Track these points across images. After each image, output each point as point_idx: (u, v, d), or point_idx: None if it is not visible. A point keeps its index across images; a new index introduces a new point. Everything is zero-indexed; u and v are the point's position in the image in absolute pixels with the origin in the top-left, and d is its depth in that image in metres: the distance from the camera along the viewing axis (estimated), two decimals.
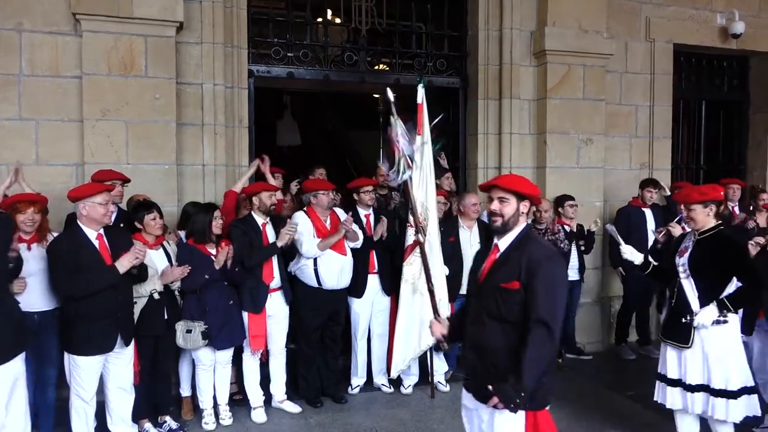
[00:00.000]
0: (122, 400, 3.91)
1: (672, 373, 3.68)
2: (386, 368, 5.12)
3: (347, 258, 4.79)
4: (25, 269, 3.71)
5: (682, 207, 4.19)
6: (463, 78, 6.46)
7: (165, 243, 4.29)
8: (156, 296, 4.07)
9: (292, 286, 4.77)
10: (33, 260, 3.79)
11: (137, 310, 4.01)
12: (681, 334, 3.62)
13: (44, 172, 4.82)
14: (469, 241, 5.23)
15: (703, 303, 3.53)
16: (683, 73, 7.25)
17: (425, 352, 4.88)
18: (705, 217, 3.59)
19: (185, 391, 4.63)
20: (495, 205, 2.58)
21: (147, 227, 4.11)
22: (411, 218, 4.75)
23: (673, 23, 6.86)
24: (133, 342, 3.91)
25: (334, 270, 4.71)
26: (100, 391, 3.87)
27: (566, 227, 5.72)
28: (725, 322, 3.50)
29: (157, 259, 4.16)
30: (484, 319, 2.56)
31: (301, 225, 4.66)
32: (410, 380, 5.14)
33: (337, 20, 6.37)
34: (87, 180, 4.52)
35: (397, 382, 5.14)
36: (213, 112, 5.29)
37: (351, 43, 6.28)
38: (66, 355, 3.67)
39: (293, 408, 4.70)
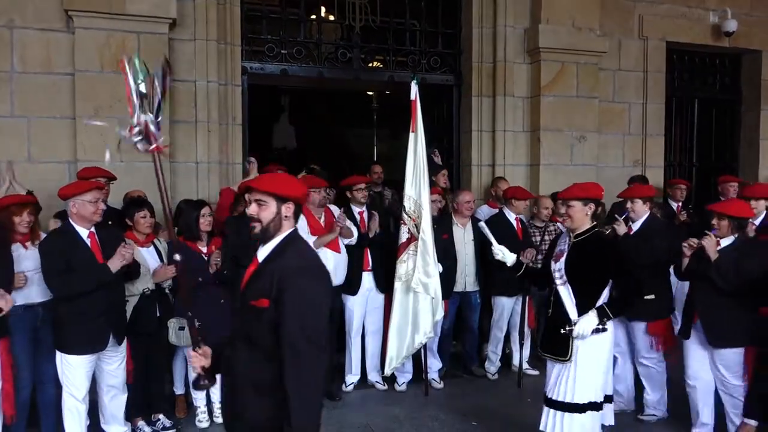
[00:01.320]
0: (115, 398, 3.90)
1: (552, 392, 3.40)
2: (380, 365, 5.13)
3: (342, 255, 4.80)
4: (24, 266, 3.74)
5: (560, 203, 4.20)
6: (457, 75, 6.47)
7: (156, 241, 4.28)
8: (147, 293, 4.07)
9: None
10: (32, 257, 3.78)
11: (129, 309, 4.00)
12: (559, 346, 3.32)
13: (37, 169, 4.80)
14: (463, 238, 5.24)
15: (581, 311, 3.26)
16: (676, 71, 7.28)
17: (419, 350, 4.89)
18: (583, 216, 3.33)
19: (179, 389, 4.63)
20: (252, 209, 2.30)
21: (137, 225, 4.11)
22: (404, 216, 4.76)
23: (666, 21, 6.88)
24: (125, 340, 3.90)
25: (328, 267, 4.69)
26: (94, 390, 3.86)
27: (561, 225, 5.72)
28: (604, 330, 3.26)
29: (148, 257, 4.15)
30: (236, 341, 2.23)
31: None
32: (404, 377, 5.15)
33: (331, 17, 6.36)
34: (76, 176, 4.51)
35: (391, 380, 5.14)
36: (206, 110, 5.28)
37: (345, 40, 6.27)
38: (58, 354, 3.66)
39: None
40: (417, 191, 4.78)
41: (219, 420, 4.45)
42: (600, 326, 3.24)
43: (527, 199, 5.43)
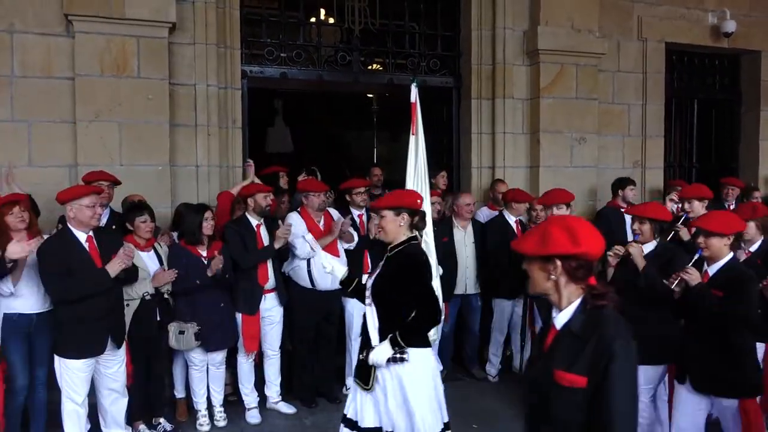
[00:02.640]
0: (115, 402, 3.90)
1: (350, 411, 3.08)
2: None
3: (341, 259, 4.79)
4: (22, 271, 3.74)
5: None
6: (457, 77, 6.47)
7: (156, 245, 4.29)
8: (147, 298, 4.07)
9: (286, 287, 4.78)
10: (29, 263, 3.78)
11: (129, 313, 4.00)
12: (362, 372, 3.00)
13: (37, 173, 4.81)
14: (464, 241, 5.24)
15: (384, 337, 2.91)
16: (675, 72, 7.28)
17: None
18: (396, 228, 2.96)
19: (179, 392, 4.63)
20: None
21: (137, 230, 4.11)
22: None
23: (665, 22, 6.89)
24: (125, 344, 3.90)
25: (326, 271, 4.70)
26: (93, 394, 3.86)
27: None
28: (402, 360, 2.85)
29: (148, 262, 4.16)
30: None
31: (295, 226, 4.67)
32: None
33: (331, 20, 6.36)
34: (80, 181, 4.51)
35: None
36: (206, 113, 5.28)
37: (344, 43, 6.28)
38: (56, 358, 3.66)
39: (288, 409, 4.71)
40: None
41: (220, 423, 4.46)
42: (397, 356, 2.85)
43: (527, 202, 5.43)
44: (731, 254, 3.27)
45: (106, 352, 3.72)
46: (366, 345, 2.99)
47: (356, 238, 4.92)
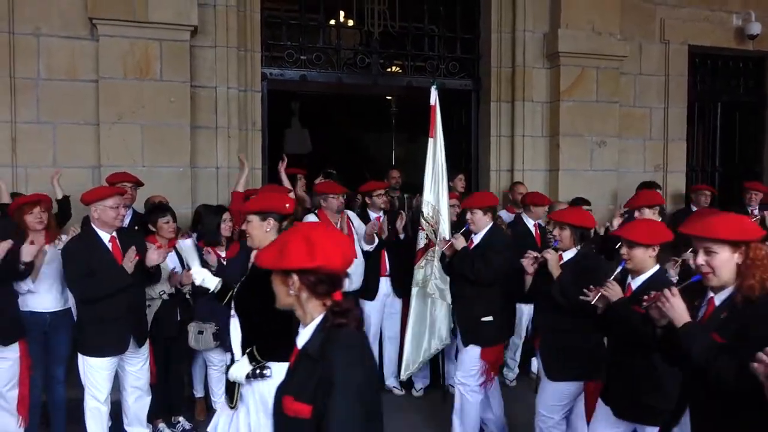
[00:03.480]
0: (139, 400, 3.95)
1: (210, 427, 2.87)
2: (397, 371, 5.13)
3: (358, 260, 4.81)
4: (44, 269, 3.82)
5: None
6: (476, 80, 6.46)
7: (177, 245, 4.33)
8: (165, 297, 4.12)
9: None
10: (51, 259, 3.86)
11: (151, 312, 4.05)
12: (227, 388, 2.82)
13: (62, 174, 4.88)
14: None
15: (245, 350, 2.73)
16: (698, 74, 7.18)
17: (436, 355, 4.88)
18: (262, 234, 2.77)
19: (198, 391, 4.68)
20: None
21: (160, 230, 4.16)
22: (423, 221, 4.76)
23: (688, 25, 6.80)
24: (148, 342, 3.96)
25: None
26: (117, 390, 3.92)
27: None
28: (263, 376, 2.62)
29: (169, 261, 4.19)
30: None
31: None
32: (421, 383, 5.15)
33: (350, 22, 6.39)
34: (102, 182, 4.59)
35: (408, 385, 5.14)
36: (226, 115, 5.34)
37: (363, 45, 6.30)
38: (80, 356, 3.72)
39: None
40: (436, 197, 4.78)
41: None
42: (257, 371, 2.62)
43: (546, 205, 5.40)
44: (657, 266, 2.89)
45: (129, 351, 3.77)
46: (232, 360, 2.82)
47: (377, 241, 4.93)
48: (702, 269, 2.17)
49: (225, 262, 4.32)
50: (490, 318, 3.89)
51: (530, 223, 5.32)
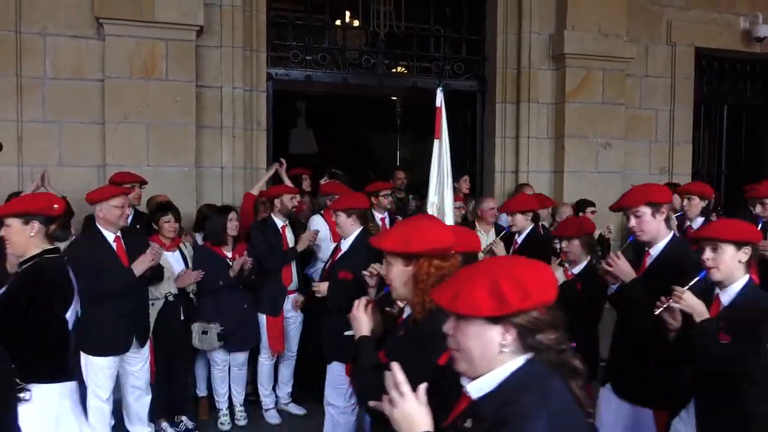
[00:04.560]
0: (139, 399, 3.97)
1: None
2: None
3: None
4: None
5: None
6: (481, 81, 6.44)
7: (181, 245, 4.34)
8: (171, 298, 4.12)
9: (309, 288, 4.80)
10: None
11: (154, 312, 4.06)
12: None
13: (67, 173, 4.91)
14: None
15: None
16: (705, 76, 7.15)
17: None
18: (26, 239, 2.56)
19: (201, 391, 4.68)
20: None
21: (162, 230, 4.17)
22: None
23: (695, 27, 6.77)
24: (149, 343, 3.96)
25: None
26: (118, 390, 3.93)
27: None
28: (21, 400, 2.22)
29: (173, 262, 4.22)
30: None
31: (318, 229, 4.69)
32: None
33: (356, 22, 6.39)
34: (108, 182, 4.59)
35: None
36: (232, 115, 5.34)
37: (369, 46, 6.30)
38: (82, 355, 3.73)
39: (298, 410, 4.73)
40: (440, 198, 4.76)
41: (240, 423, 4.50)
42: (18, 395, 2.20)
43: (549, 207, 5.38)
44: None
45: (131, 351, 3.78)
46: None
47: None
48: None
49: (231, 263, 4.32)
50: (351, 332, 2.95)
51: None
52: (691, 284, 2.44)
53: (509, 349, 1.36)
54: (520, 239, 4.40)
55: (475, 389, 1.39)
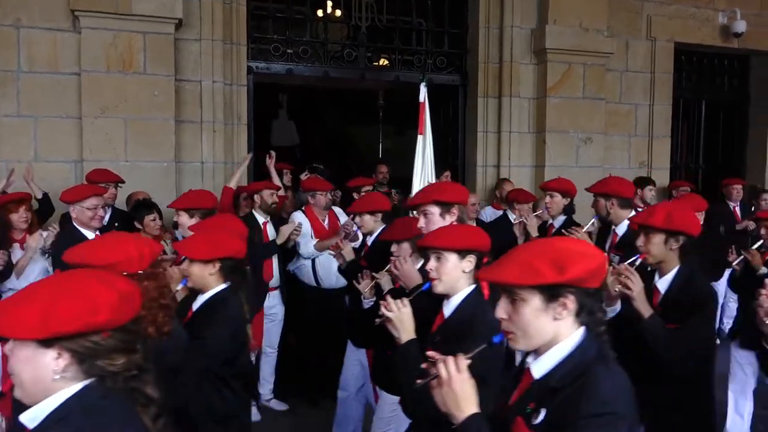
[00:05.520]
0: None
1: None
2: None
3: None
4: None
5: None
6: (463, 75, 6.44)
7: (163, 242, 4.28)
8: None
9: (291, 285, 4.79)
10: (29, 254, 3.80)
11: None
12: None
13: (43, 168, 4.80)
14: None
15: None
16: (684, 72, 7.23)
17: None
18: None
19: None
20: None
21: (146, 228, 4.12)
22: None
23: (674, 22, 6.83)
24: None
25: (332, 269, 4.71)
26: None
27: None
28: None
29: None
30: None
31: (300, 222, 4.67)
32: None
33: (338, 12, 6.32)
34: (84, 179, 4.52)
35: None
36: (212, 110, 5.28)
37: (351, 39, 6.25)
38: None
39: (279, 406, 4.74)
40: None
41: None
42: None
43: (530, 202, 5.41)
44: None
45: None
46: None
47: (360, 236, 4.91)
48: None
49: None
50: None
51: (515, 219, 5.33)
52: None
53: (66, 375, 1.28)
54: (369, 242, 4.00)
55: (28, 419, 1.31)
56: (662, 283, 2.55)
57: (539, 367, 1.48)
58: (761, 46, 7.15)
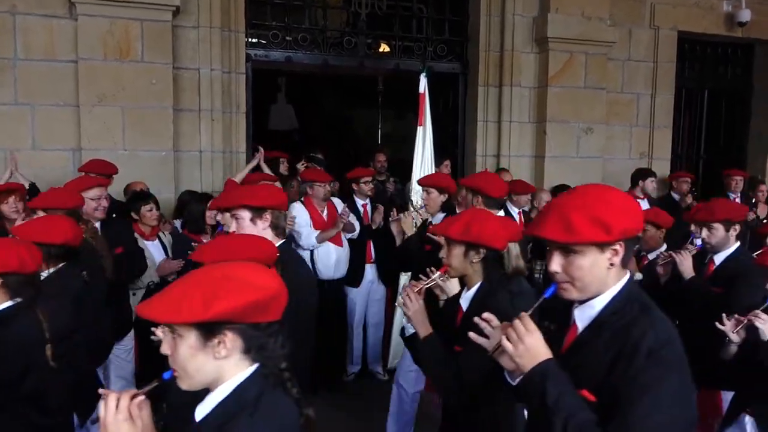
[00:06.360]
0: (124, 389, 3.94)
1: None
2: (381, 356, 5.20)
3: (344, 249, 4.81)
4: None
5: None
6: (464, 64, 6.38)
7: (160, 234, 4.29)
8: (152, 287, 4.09)
9: None
10: None
11: (135, 302, 4.02)
12: None
13: (41, 157, 4.79)
14: None
15: None
16: (687, 61, 7.16)
17: None
18: None
19: None
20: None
21: (143, 218, 4.11)
22: (411, 209, 4.75)
23: (678, 10, 6.75)
24: (132, 332, 3.95)
25: (330, 261, 4.74)
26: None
27: None
28: None
29: (153, 250, 4.17)
30: None
31: (298, 216, 4.66)
32: None
33: None
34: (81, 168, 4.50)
35: (392, 370, 5.19)
36: (210, 98, 5.23)
37: (350, 26, 6.18)
38: None
39: None
40: None
41: None
42: None
43: (529, 193, 5.40)
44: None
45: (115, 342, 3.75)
46: None
47: (358, 227, 4.92)
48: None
49: None
50: None
51: (514, 211, 5.32)
52: None
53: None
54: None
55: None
56: (464, 300, 2.29)
57: (201, 411, 1.42)
58: (766, 35, 7.08)
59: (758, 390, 2.64)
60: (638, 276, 3.49)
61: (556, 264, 1.53)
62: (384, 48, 6.56)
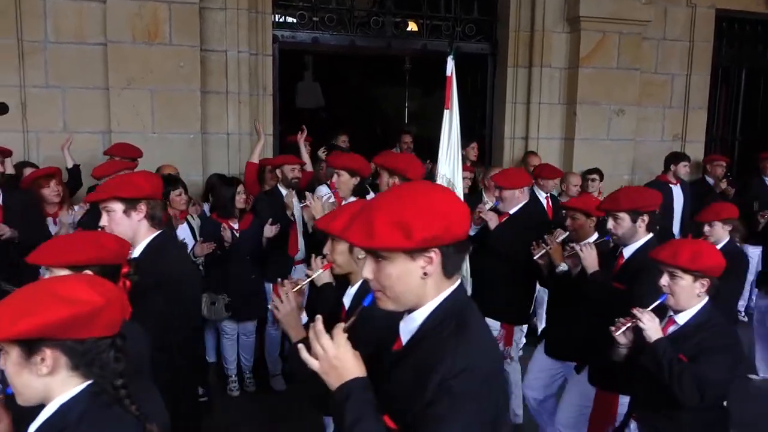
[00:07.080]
0: None
1: None
2: None
3: None
4: None
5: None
6: (493, 44, 6.26)
7: (189, 217, 4.34)
8: None
9: None
10: (63, 230, 3.89)
11: None
12: None
13: (72, 141, 4.86)
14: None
15: None
16: (724, 39, 6.91)
17: None
18: None
19: (210, 357, 4.78)
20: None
21: (173, 203, 4.15)
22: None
23: None
24: None
25: None
26: None
27: None
28: None
29: (182, 233, 4.22)
30: None
31: (324, 197, 4.65)
32: None
33: None
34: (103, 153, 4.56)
35: None
36: (237, 80, 5.24)
37: (377, 6, 6.10)
38: None
39: (278, 385, 4.70)
40: (451, 170, 4.71)
41: (249, 389, 4.60)
42: None
43: (557, 178, 5.32)
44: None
45: None
46: None
47: None
48: None
49: (238, 234, 4.33)
50: None
51: (542, 195, 5.26)
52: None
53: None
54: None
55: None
56: (347, 298, 2.16)
57: (31, 429, 1.39)
58: None
59: (641, 394, 2.53)
60: (563, 267, 3.40)
61: (368, 270, 1.38)
62: (412, 27, 6.45)
